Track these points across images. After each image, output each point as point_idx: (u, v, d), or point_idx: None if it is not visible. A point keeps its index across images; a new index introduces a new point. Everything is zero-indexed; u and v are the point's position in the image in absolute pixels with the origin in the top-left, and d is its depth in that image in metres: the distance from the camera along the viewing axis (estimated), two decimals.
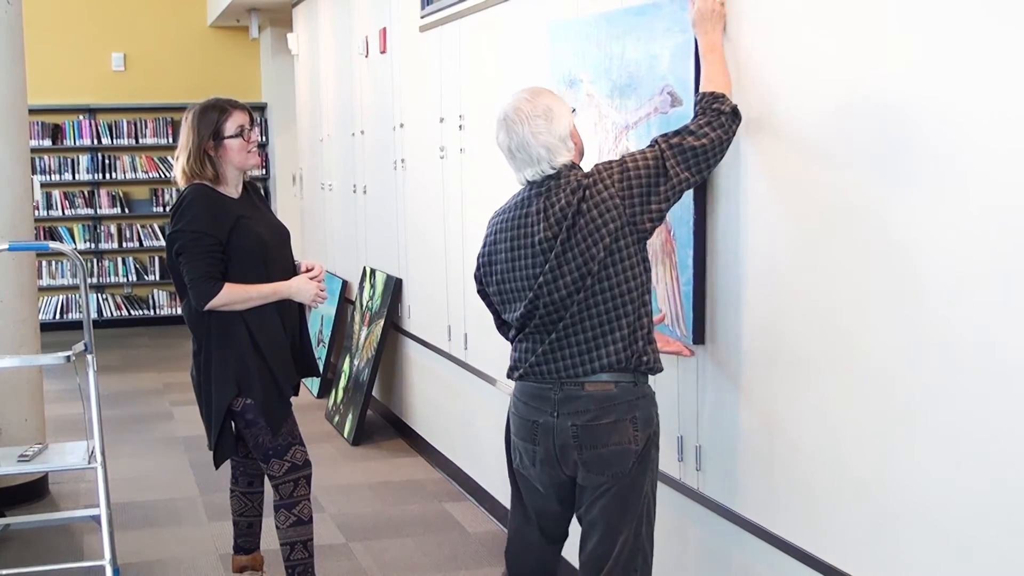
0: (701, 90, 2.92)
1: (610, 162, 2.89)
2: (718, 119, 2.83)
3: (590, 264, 2.80)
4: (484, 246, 3.03)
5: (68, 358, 4.14)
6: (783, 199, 2.81)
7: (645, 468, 2.89)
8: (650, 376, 2.94)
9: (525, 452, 2.97)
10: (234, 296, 3.76)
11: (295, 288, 3.89)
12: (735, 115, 2.85)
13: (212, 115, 3.83)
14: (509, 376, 3.01)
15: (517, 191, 2.99)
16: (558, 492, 2.97)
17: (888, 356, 2.45)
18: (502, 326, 3.11)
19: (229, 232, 3.77)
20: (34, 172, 7.52)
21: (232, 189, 3.90)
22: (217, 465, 4.01)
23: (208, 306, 3.74)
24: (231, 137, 3.83)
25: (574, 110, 3.00)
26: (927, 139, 2.32)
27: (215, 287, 3.72)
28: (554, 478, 2.94)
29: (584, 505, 2.93)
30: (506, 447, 3.09)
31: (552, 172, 2.88)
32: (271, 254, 3.88)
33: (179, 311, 12.23)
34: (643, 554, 2.92)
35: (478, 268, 3.06)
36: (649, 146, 2.87)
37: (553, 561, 3.12)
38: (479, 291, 3.11)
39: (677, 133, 2.84)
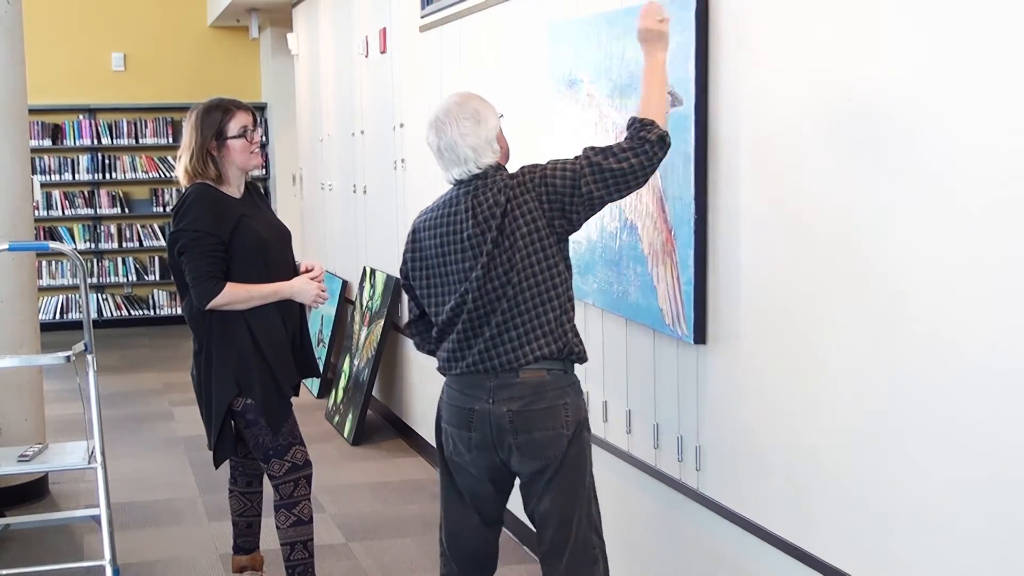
0: (635, 114, 3.00)
1: (535, 166, 3.04)
2: (642, 146, 2.92)
3: (514, 261, 2.97)
4: (412, 243, 3.18)
5: (68, 358, 4.13)
6: (783, 199, 2.81)
7: (582, 451, 3.05)
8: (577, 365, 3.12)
9: (459, 439, 3.10)
10: (235, 296, 3.76)
11: (296, 288, 3.89)
12: (661, 142, 2.93)
13: (215, 115, 3.83)
14: (444, 372, 3.16)
15: (444, 191, 3.14)
16: (491, 475, 3.11)
17: (887, 355, 2.45)
18: (418, 320, 3.25)
19: (231, 232, 3.78)
20: (34, 172, 7.53)
21: (234, 189, 3.90)
22: (217, 465, 4.02)
23: (209, 305, 3.74)
24: (234, 137, 3.83)
25: (502, 115, 3.14)
26: (926, 140, 2.32)
27: (216, 286, 3.73)
28: (488, 461, 3.08)
29: (533, 500, 3.09)
30: (436, 436, 3.23)
31: (478, 172, 3.05)
32: (272, 254, 3.89)
33: (179, 311, 12.16)
34: (596, 531, 3.09)
35: (404, 263, 3.21)
36: (576, 156, 3.01)
37: (493, 542, 3.25)
38: (405, 286, 3.26)
39: (603, 151, 2.96)
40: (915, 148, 2.35)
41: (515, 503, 4.05)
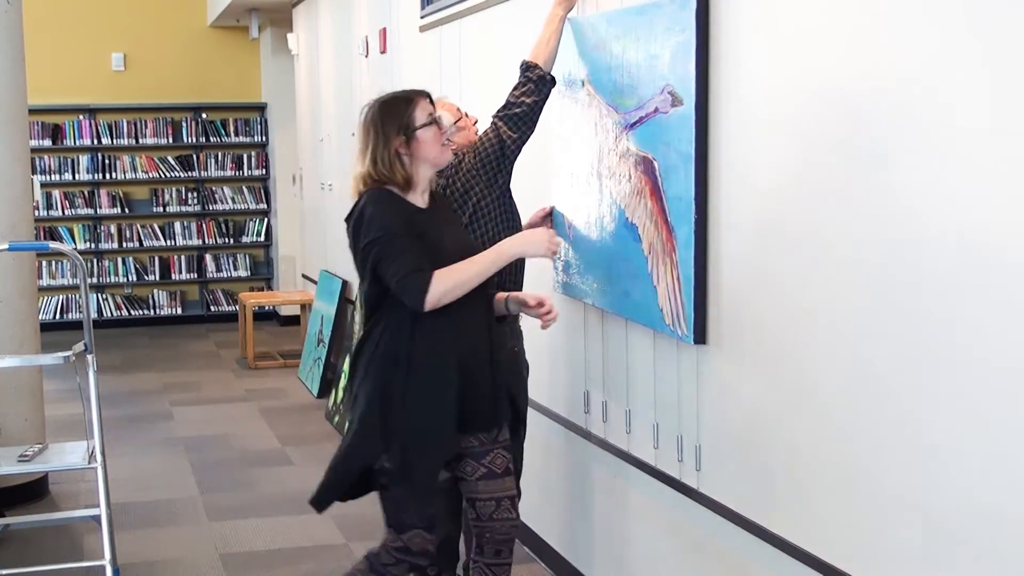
0: (526, 58, 3.71)
1: (473, 147, 3.73)
2: (528, 85, 3.66)
3: (459, 221, 3.62)
4: None
5: (68, 358, 4.13)
6: (784, 199, 2.80)
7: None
8: None
9: None
10: (449, 280, 3.12)
11: (524, 242, 3.31)
12: (542, 80, 3.67)
13: (399, 106, 3.23)
14: None
15: None
16: None
17: (888, 354, 2.45)
18: None
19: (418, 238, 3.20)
20: (34, 172, 7.52)
21: (419, 197, 3.28)
22: (320, 509, 3.35)
23: (427, 302, 3.09)
24: (423, 127, 3.22)
25: (460, 118, 3.79)
26: (928, 139, 2.32)
27: (424, 276, 3.09)
28: None
29: None
30: None
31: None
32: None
33: (179, 311, 12.18)
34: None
35: None
36: (489, 125, 3.71)
37: None
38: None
39: (505, 107, 3.69)
40: (916, 146, 2.35)
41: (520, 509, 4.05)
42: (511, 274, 3.63)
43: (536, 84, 3.66)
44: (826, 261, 2.65)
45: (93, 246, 10.76)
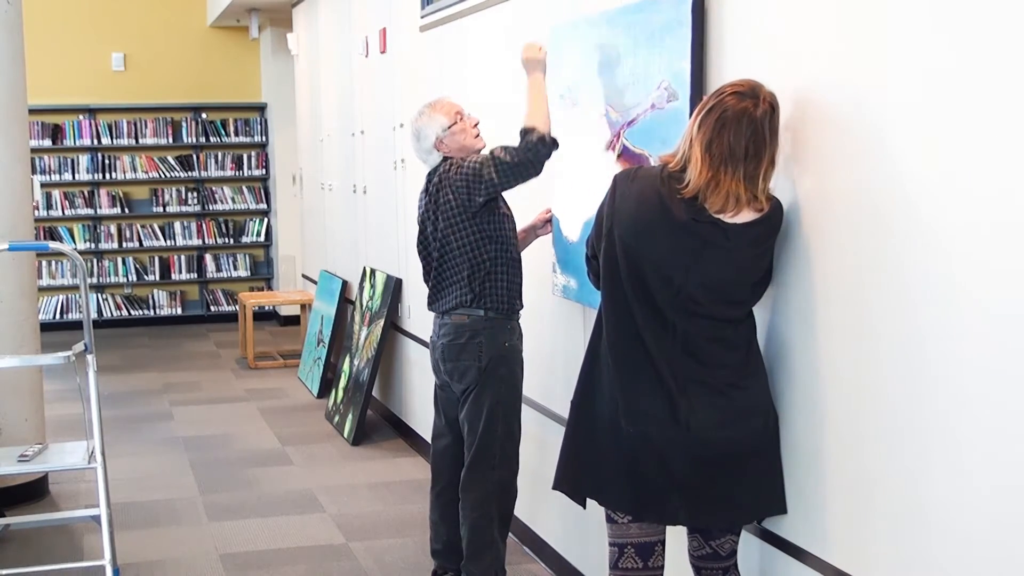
0: (522, 125, 3.75)
1: (462, 159, 3.88)
2: (527, 147, 3.72)
3: (441, 234, 3.91)
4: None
5: (68, 358, 4.13)
6: (780, 194, 2.80)
7: (492, 380, 3.87)
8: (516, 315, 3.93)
9: (432, 363, 4.07)
10: None
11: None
12: (542, 142, 3.71)
13: None
14: None
15: None
16: (446, 390, 4.03)
17: (890, 354, 2.44)
18: None
19: None
20: (34, 172, 7.52)
21: None
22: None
23: None
24: None
25: (454, 122, 3.90)
26: (923, 135, 2.32)
27: None
28: (442, 379, 4.02)
29: (460, 410, 3.97)
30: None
31: (430, 169, 4.01)
32: None
33: (179, 311, 12.18)
34: (500, 445, 3.90)
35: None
36: (488, 153, 3.82)
37: (460, 444, 4.02)
38: None
39: (504, 149, 3.77)
40: (914, 143, 2.35)
41: (519, 511, 4.05)
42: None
43: (534, 144, 3.69)
44: (823, 258, 2.65)
45: (93, 246, 10.76)
